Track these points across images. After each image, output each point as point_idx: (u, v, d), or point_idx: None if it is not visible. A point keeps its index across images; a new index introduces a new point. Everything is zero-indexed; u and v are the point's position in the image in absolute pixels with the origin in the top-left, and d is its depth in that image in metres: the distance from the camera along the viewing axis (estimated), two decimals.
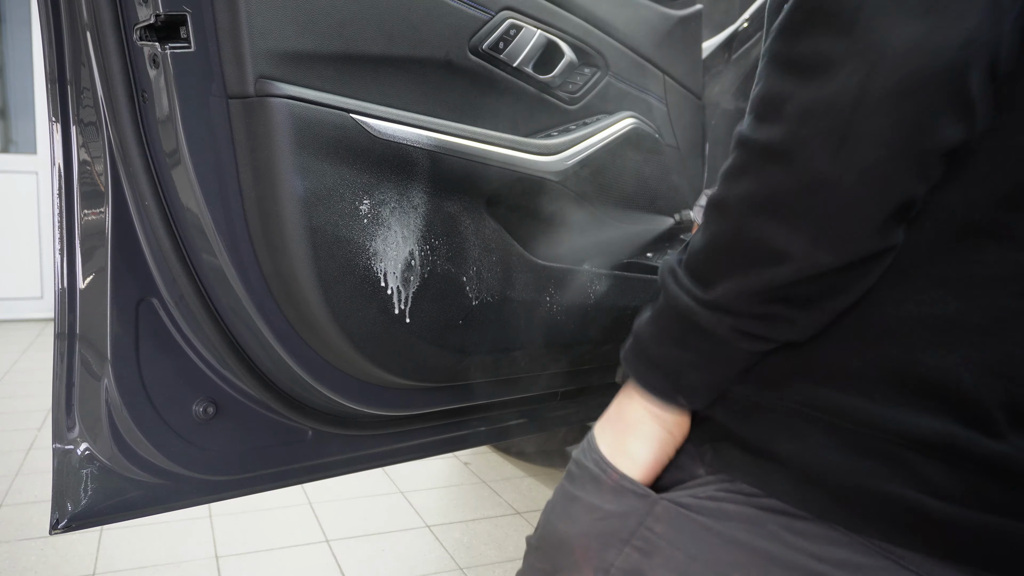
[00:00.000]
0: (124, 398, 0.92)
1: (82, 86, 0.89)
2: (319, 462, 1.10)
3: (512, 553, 1.98)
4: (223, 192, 0.84)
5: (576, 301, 1.15)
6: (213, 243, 0.86)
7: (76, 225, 0.91)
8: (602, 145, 1.16)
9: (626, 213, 1.25)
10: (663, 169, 1.32)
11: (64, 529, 0.93)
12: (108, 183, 0.89)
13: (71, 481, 0.94)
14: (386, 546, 2.01)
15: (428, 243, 0.95)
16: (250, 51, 0.80)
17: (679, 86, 1.39)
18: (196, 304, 0.92)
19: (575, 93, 1.15)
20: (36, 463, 2.52)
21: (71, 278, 0.91)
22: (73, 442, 0.94)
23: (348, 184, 0.86)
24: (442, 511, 2.25)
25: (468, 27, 0.98)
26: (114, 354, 0.91)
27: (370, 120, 0.87)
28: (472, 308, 1.02)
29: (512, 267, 1.06)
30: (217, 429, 0.99)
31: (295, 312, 0.90)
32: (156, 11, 0.78)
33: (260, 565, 1.90)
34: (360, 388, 1.00)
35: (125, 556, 1.91)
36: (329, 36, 0.85)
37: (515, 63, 1.04)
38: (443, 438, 1.22)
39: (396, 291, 0.93)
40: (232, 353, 0.96)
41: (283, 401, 1.02)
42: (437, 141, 0.93)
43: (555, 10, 1.10)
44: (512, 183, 1.03)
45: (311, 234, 0.84)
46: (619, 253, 1.29)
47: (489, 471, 2.57)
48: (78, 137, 0.90)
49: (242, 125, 0.83)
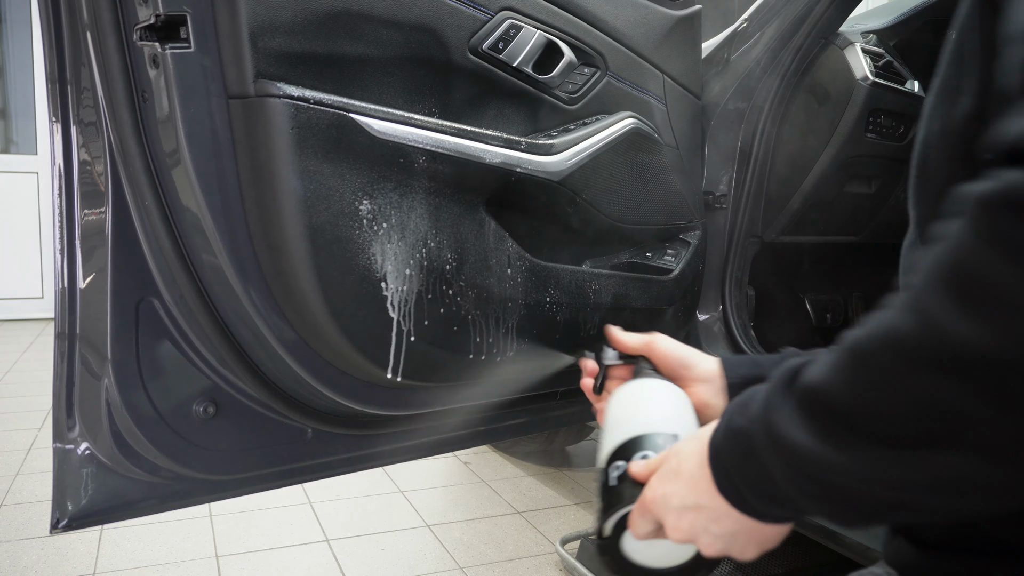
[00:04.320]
0: (124, 398, 0.92)
1: (82, 86, 0.89)
2: (319, 462, 1.10)
3: (512, 552, 1.99)
4: (223, 192, 0.84)
5: (576, 301, 1.15)
6: (213, 243, 0.86)
7: (76, 225, 0.91)
8: (602, 145, 1.16)
9: (625, 213, 1.25)
10: (662, 169, 1.33)
11: (64, 529, 0.93)
12: (108, 183, 0.89)
13: (71, 481, 0.94)
14: (386, 545, 2.01)
15: (427, 243, 0.95)
16: (250, 51, 0.80)
17: (678, 86, 1.40)
18: (196, 304, 0.93)
19: (575, 93, 1.16)
20: (36, 463, 2.52)
21: (71, 278, 0.92)
22: (73, 442, 0.94)
23: (348, 184, 0.87)
24: (442, 511, 2.25)
25: (468, 27, 0.98)
26: (114, 354, 0.91)
27: (370, 120, 0.87)
28: (471, 308, 1.02)
29: (511, 267, 1.06)
30: (217, 429, 0.99)
31: (295, 312, 0.90)
32: (156, 11, 0.78)
33: (260, 565, 1.90)
34: (360, 388, 1.00)
35: (125, 556, 1.91)
36: (329, 36, 0.85)
37: (515, 63, 1.05)
38: (443, 438, 1.22)
39: (396, 291, 0.93)
40: (232, 353, 0.96)
41: (283, 401, 1.02)
42: (437, 141, 0.93)
43: (555, 10, 1.10)
44: (512, 183, 1.03)
45: (311, 234, 0.85)
46: (619, 253, 1.29)
47: (489, 471, 2.57)
48: (78, 137, 0.90)
49: (242, 125, 0.83)
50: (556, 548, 1.89)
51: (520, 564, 1.92)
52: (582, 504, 2.31)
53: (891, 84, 1.81)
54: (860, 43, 1.76)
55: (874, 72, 1.75)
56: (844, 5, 1.51)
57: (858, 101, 1.74)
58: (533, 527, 2.14)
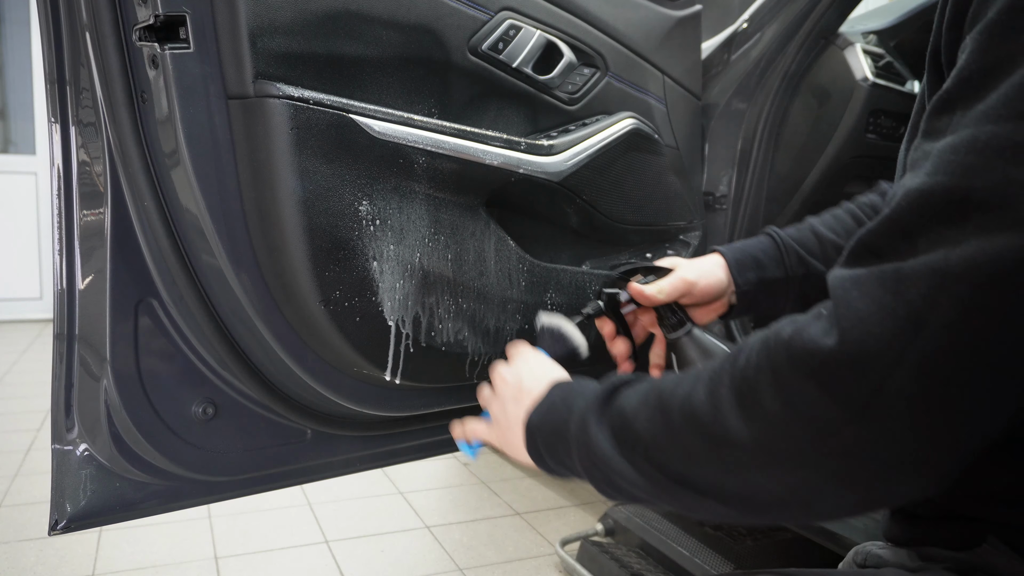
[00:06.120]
0: (123, 399, 0.92)
1: (81, 87, 0.89)
2: (319, 462, 1.10)
3: (511, 554, 1.98)
4: (222, 193, 0.84)
5: (576, 302, 1.15)
6: (212, 243, 0.86)
7: (75, 226, 0.91)
8: (601, 145, 1.16)
9: (625, 213, 1.25)
10: (662, 170, 1.32)
11: (63, 530, 0.93)
12: (107, 184, 0.89)
13: (70, 482, 0.94)
14: (385, 547, 2.01)
15: (427, 243, 0.95)
16: (249, 51, 0.80)
17: (678, 86, 1.39)
18: (195, 304, 0.92)
19: (574, 93, 1.15)
20: (35, 464, 2.52)
21: (70, 279, 0.91)
22: (72, 443, 0.94)
23: (347, 184, 0.86)
24: (442, 512, 2.25)
25: (468, 27, 0.98)
26: (113, 355, 0.91)
27: (369, 120, 0.87)
28: (471, 308, 1.01)
29: (511, 267, 1.05)
30: (216, 430, 0.99)
31: (294, 312, 0.90)
32: (155, 11, 0.78)
33: (260, 565, 1.90)
34: (359, 388, 1.00)
35: (125, 556, 1.91)
36: (328, 36, 0.85)
37: (515, 63, 1.04)
38: (443, 438, 1.22)
39: (395, 292, 0.93)
40: (231, 354, 0.96)
41: (282, 401, 1.02)
42: (436, 141, 0.93)
43: (554, 10, 1.10)
44: (511, 184, 1.03)
45: (310, 234, 0.84)
46: (618, 254, 1.29)
47: (489, 472, 2.56)
48: (77, 138, 0.90)
49: (241, 126, 0.83)
50: (556, 549, 1.89)
51: (520, 565, 1.92)
52: (582, 505, 2.31)
53: (891, 85, 1.81)
54: (860, 43, 1.76)
55: (874, 72, 1.75)
56: (844, 5, 1.51)
57: (858, 102, 1.74)
58: (533, 528, 2.13)
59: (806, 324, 0.49)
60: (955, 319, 0.43)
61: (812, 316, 0.50)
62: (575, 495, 2.38)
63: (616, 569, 1.66)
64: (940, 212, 0.45)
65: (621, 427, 0.60)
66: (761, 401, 0.50)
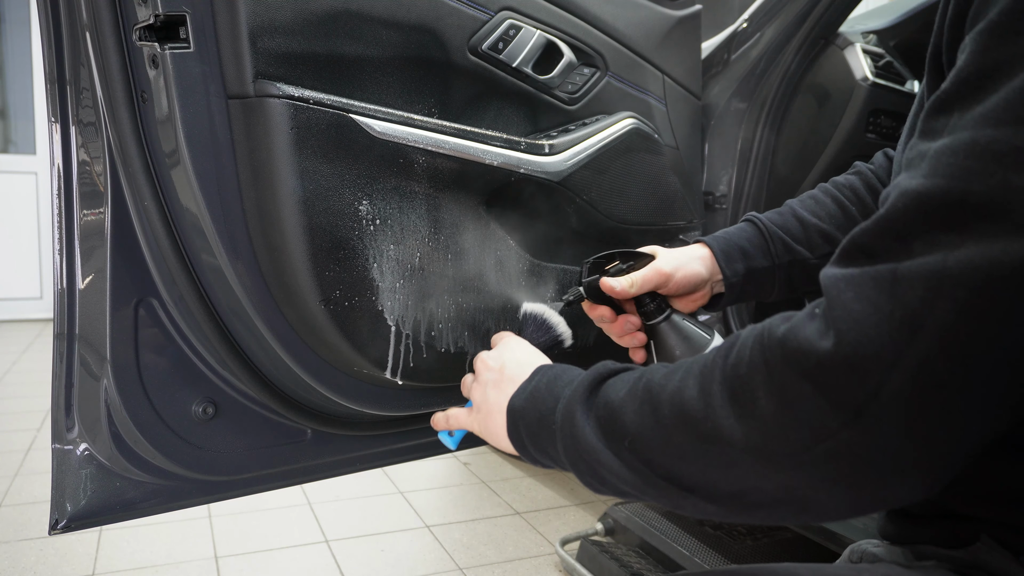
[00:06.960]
0: (123, 398, 0.92)
1: (81, 86, 0.89)
2: (319, 462, 1.10)
3: (512, 553, 1.98)
4: (222, 192, 0.84)
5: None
6: (212, 243, 0.86)
7: (75, 225, 0.91)
8: (601, 145, 1.16)
9: (625, 213, 1.25)
10: (662, 169, 1.32)
11: (63, 530, 0.93)
12: (107, 183, 0.89)
13: (70, 482, 0.94)
14: (386, 546, 2.01)
15: (427, 243, 0.95)
16: (249, 51, 0.80)
17: (678, 86, 1.39)
18: (195, 304, 0.92)
19: (574, 93, 1.15)
20: (35, 463, 2.52)
21: (70, 278, 0.91)
22: (72, 442, 0.94)
23: (347, 184, 0.86)
24: (442, 511, 2.25)
25: (468, 27, 0.98)
26: (113, 354, 0.91)
27: (369, 120, 0.87)
28: (471, 308, 1.02)
29: (511, 267, 1.06)
30: (217, 429, 0.99)
31: (294, 312, 0.90)
32: (155, 11, 0.78)
33: (260, 565, 1.90)
34: (359, 388, 1.00)
35: (125, 556, 1.91)
36: (328, 36, 0.85)
37: (514, 63, 1.04)
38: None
39: (395, 291, 0.93)
40: (231, 353, 0.96)
41: (282, 401, 1.02)
42: (436, 141, 0.93)
43: (554, 10, 1.10)
44: (511, 184, 1.03)
45: (310, 234, 0.84)
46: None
47: (489, 471, 2.57)
48: (77, 137, 0.90)
49: (241, 125, 0.83)
50: (556, 549, 1.89)
51: (520, 565, 1.92)
52: (582, 505, 2.31)
53: (891, 84, 1.81)
54: (860, 43, 1.76)
55: (874, 72, 1.75)
56: (844, 5, 1.51)
57: (858, 101, 1.74)
58: (533, 528, 2.13)
59: (801, 323, 0.49)
60: (952, 323, 0.42)
61: (806, 315, 0.49)
62: (575, 495, 2.38)
63: (616, 568, 1.66)
64: (937, 215, 0.44)
65: (608, 419, 0.59)
66: (755, 400, 0.49)
